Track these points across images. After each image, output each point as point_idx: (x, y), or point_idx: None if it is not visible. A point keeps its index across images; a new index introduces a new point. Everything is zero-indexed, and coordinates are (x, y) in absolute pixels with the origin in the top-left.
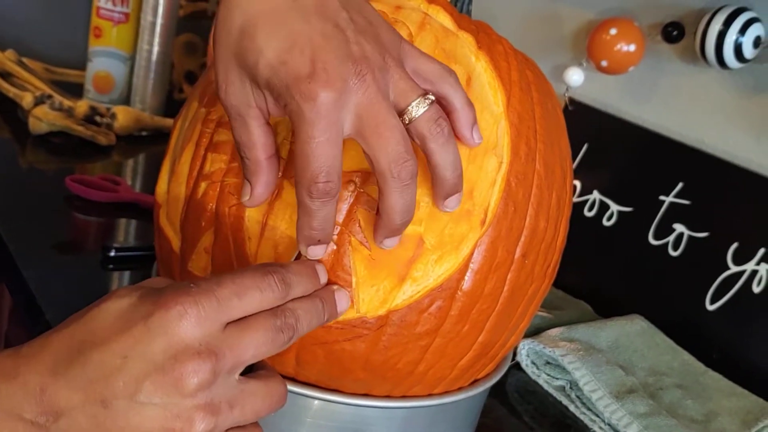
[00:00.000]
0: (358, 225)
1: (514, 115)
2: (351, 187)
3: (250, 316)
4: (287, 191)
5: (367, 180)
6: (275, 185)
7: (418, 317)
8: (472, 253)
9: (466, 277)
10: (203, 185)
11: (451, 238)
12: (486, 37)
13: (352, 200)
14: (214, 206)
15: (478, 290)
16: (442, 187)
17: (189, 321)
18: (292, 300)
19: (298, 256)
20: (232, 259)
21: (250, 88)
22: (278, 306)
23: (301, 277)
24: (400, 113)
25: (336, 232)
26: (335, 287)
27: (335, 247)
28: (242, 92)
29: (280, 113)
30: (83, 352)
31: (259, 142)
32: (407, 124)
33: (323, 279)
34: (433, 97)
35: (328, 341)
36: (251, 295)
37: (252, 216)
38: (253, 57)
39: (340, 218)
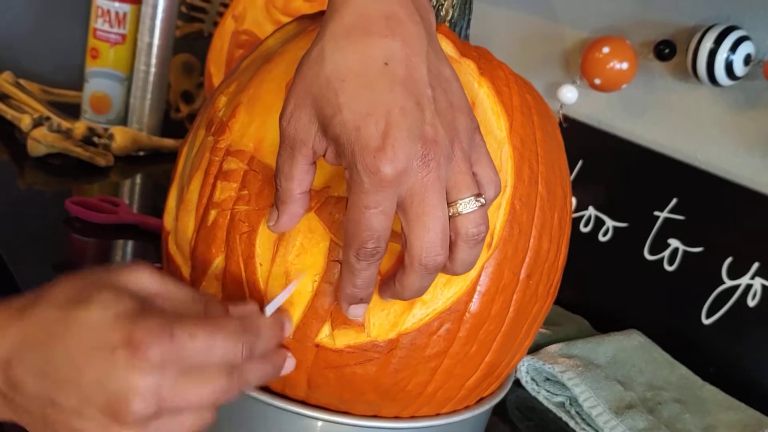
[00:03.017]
0: None
1: (516, 140)
2: None
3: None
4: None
5: None
6: (300, 219)
7: (428, 340)
8: (479, 276)
9: (473, 299)
10: (213, 213)
11: None
12: (487, 64)
13: None
14: (224, 234)
15: (485, 312)
16: (446, 271)
17: (149, 364)
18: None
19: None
20: (243, 286)
21: (315, 131)
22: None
23: (269, 343)
24: (449, 203)
25: None
26: (288, 354)
27: None
28: (305, 130)
29: (336, 164)
30: (51, 344)
31: (298, 177)
32: (451, 216)
33: (287, 333)
34: (484, 200)
35: (339, 365)
36: (215, 354)
37: (263, 242)
38: (330, 110)
39: None
